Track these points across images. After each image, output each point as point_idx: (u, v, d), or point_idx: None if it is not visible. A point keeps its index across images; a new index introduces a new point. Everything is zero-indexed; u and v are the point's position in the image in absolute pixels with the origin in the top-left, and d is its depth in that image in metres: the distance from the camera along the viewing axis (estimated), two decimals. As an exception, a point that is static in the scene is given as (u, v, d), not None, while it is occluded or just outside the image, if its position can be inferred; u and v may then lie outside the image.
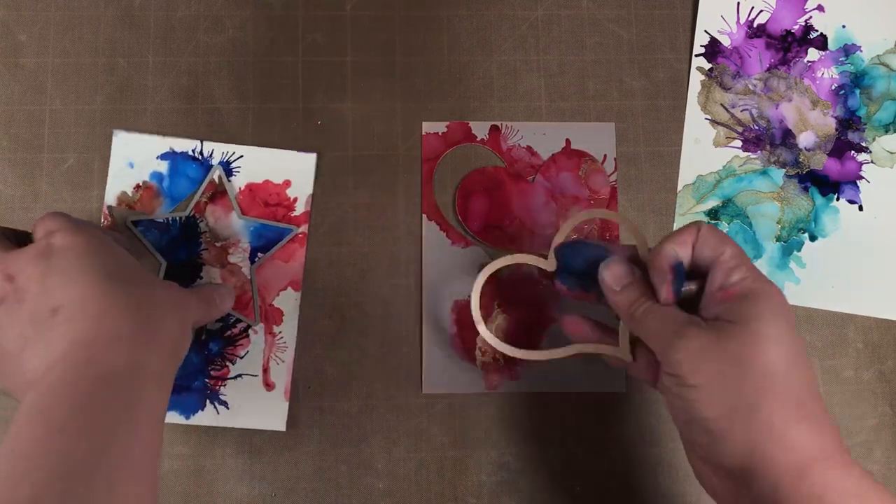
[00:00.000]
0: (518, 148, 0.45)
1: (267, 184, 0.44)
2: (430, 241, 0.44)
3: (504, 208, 0.45)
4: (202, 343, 0.42)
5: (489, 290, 0.44)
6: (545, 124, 0.46)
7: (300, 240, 0.44)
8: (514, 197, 0.45)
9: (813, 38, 0.47)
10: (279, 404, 0.42)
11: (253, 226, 0.43)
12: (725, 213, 0.46)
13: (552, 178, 0.45)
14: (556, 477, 0.43)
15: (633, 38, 0.47)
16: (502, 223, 0.45)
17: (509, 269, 0.44)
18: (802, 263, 0.46)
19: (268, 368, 0.42)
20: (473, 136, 0.45)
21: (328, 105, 0.46)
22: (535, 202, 0.45)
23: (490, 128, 0.45)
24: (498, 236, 0.44)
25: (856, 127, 0.47)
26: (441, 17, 0.47)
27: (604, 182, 0.45)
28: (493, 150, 0.45)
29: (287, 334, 0.43)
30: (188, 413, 0.42)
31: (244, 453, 0.42)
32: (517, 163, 0.45)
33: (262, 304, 0.43)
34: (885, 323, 0.45)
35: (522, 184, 0.45)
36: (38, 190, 0.44)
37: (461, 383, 0.43)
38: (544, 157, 0.45)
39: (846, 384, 0.45)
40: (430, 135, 0.45)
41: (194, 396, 0.42)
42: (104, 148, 0.44)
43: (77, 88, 0.45)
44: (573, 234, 0.44)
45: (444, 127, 0.45)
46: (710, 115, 0.47)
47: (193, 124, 0.45)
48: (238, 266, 0.43)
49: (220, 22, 0.46)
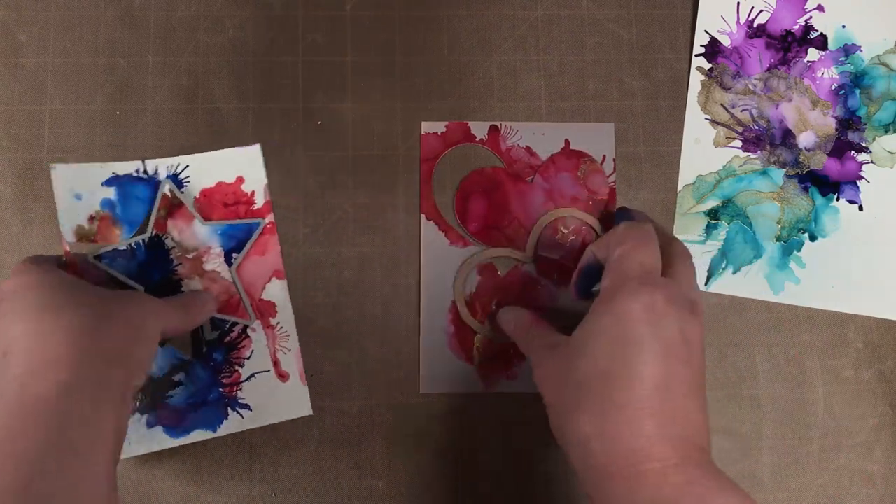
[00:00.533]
0: (517, 148, 0.45)
1: (220, 185, 0.43)
2: (428, 241, 0.44)
3: (502, 209, 0.45)
4: (206, 356, 0.42)
5: (488, 290, 0.44)
6: (544, 124, 0.46)
7: (269, 230, 0.43)
8: (512, 197, 0.45)
9: (813, 38, 0.47)
10: (299, 391, 0.42)
11: (219, 229, 0.43)
12: (725, 213, 0.46)
13: (551, 179, 0.45)
14: (553, 478, 0.43)
15: (633, 38, 0.47)
16: (501, 224, 0.45)
17: (507, 268, 0.44)
18: (802, 263, 0.46)
19: (277, 361, 0.43)
20: (473, 136, 0.45)
21: (328, 105, 0.46)
22: (534, 203, 0.45)
23: (489, 128, 0.45)
24: (496, 237, 0.44)
25: (856, 127, 0.47)
26: (441, 17, 0.47)
27: (603, 182, 0.45)
28: (493, 150, 0.45)
29: (285, 323, 0.43)
30: (214, 426, 0.42)
31: (244, 453, 0.42)
32: (516, 163, 0.45)
33: (253, 301, 0.43)
34: (885, 323, 0.45)
35: (521, 184, 0.45)
36: (38, 190, 0.44)
37: (459, 383, 0.43)
38: (543, 157, 0.45)
39: (846, 384, 0.45)
40: (430, 135, 0.45)
41: (214, 409, 0.42)
42: (105, 148, 0.44)
43: (77, 88, 0.45)
44: (556, 233, 0.44)
45: (443, 127, 0.45)
46: (710, 115, 0.47)
47: (193, 124, 0.45)
48: (217, 272, 0.43)
49: (220, 22, 0.46)
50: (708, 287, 0.45)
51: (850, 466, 0.44)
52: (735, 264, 0.45)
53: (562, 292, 0.44)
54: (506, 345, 0.44)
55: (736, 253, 0.46)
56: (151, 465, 0.42)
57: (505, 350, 0.44)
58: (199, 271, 0.42)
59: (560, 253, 0.44)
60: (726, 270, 0.45)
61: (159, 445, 0.41)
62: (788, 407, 0.44)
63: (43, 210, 0.43)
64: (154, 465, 0.42)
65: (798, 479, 0.44)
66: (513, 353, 0.44)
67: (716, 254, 0.46)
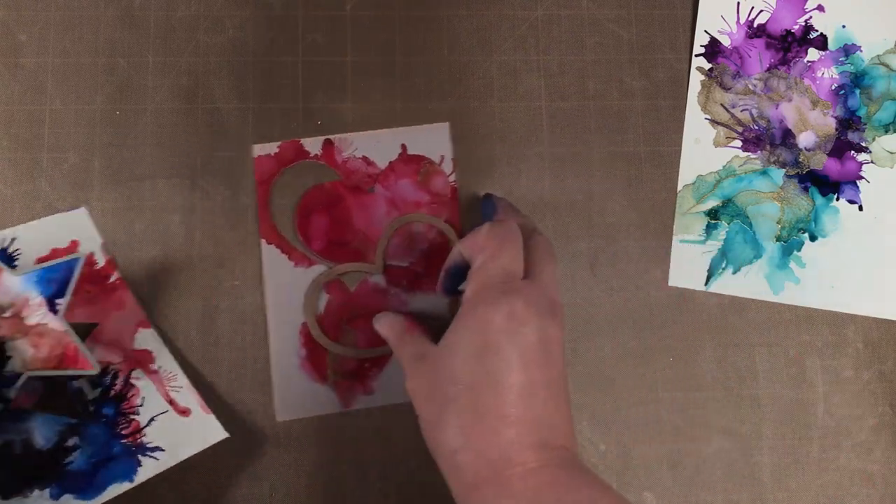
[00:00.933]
0: (354, 159, 0.45)
1: (55, 252, 0.42)
2: (271, 265, 0.43)
3: (346, 223, 0.44)
4: (95, 414, 0.41)
5: (336, 307, 0.43)
6: (379, 132, 0.45)
7: (120, 286, 0.42)
8: (354, 210, 0.44)
9: (813, 38, 0.47)
10: (205, 420, 0.41)
11: (34, 276, 0.37)
12: (725, 213, 0.46)
13: (391, 187, 0.44)
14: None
15: (633, 38, 0.47)
16: (345, 238, 0.44)
17: (356, 282, 0.44)
18: (802, 263, 0.46)
19: (172, 400, 0.41)
20: (307, 153, 0.44)
21: (328, 105, 0.46)
22: (377, 213, 0.44)
23: (323, 142, 0.45)
24: (342, 252, 0.44)
25: (856, 127, 0.47)
26: (441, 17, 0.47)
27: (444, 183, 0.45)
28: (329, 164, 0.44)
29: (167, 365, 0.42)
30: (130, 475, 0.40)
31: (244, 453, 0.42)
32: (354, 174, 0.44)
33: (125, 352, 0.41)
34: (885, 323, 0.45)
35: (362, 196, 0.44)
36: (38, 190, 0.44)
37: (317, 405, 0.43)
38: (382, 165, 0.45)
39: (846, 384, 0.45)
40: (262, 157, 0.44)
41: (124, 460, 0.40)
42: (105, 148, 0.44)
43: (77, 88, 0.45)
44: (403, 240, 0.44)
45: (275, 148, 0.44)
46: (710, 115, 0.47)
47: (193, 124, 0.45)
48: (43, 324, 0.38)
49: (220, 22, 0.46)
50: (708, 287, 0.45)
51: (850, 466, 0.44)
52: (735, 264, 0.45)
53: (412, 298, 0.44)
54: (360, 361, 0.43)
55: (736, 253, 0.46)
56: (151, 465, 0.42)
57: (360, 366, 0.43)
58: (21, 329, 0.37)
59: (410, 259, 0.44)
60: (726, 270, 0.45)
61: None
62: (788, 407, 0.44)
63: (43, 210, 0.43)
64: (154, 465, 0.42)
65: (798, 479, 0.44)
66: (368, 367, 0.43)
67: (716, 254, 0.46)
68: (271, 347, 0.43)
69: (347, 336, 0.43)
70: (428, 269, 0.44)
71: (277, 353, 0.43)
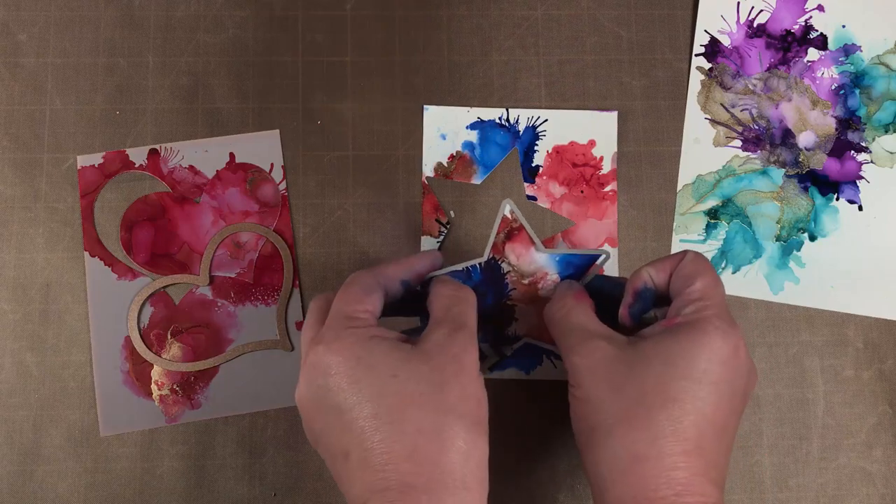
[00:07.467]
0: (180, 169, 0.44)
1: (573, 145, 0.45)
2: (94, 278, 0.43)
3: (170, 235, 0.44)
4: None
5: (161, 319, 0.43)
6: (207, 140, 0.45)
7: (611, 197, 0.45)
8: (179, 221, 0.44)
9: (813, 38, 0.47)
10: None
11: (557, 257, 0.39)
12: (725, 213, 0.46)
13: (218, 196, 0.44)
14: (546, 483, 0.43)
15: (633, 38, 0.47)
16: (170, 250, 0.44)
17: (182, 294, 0.43)
18: (802, 263, 0.46)
19: None
20: (132, 164, 0.44)
21: (328, 105, 0.46)
22: (203, 223, 0.44)
23: (148, 152, 0.44)
24: (167, 264, 0.43)
25: (856, 127, 0.47)
26: (441, 17, 0.47)
27: (273, 192, 0.44)
28: (155, 174, 0.44)
29: None
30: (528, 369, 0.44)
31: (244, 453, 0.42)
32: (181, 184, 0.44)
33: None
34: (885, 323, 0.45)
35: (188, 206, 0.44)
36: (38, 190, 0.44)
37: (141, 420, 0.42)
38: (209, 174, 0.44)
39: (846, 384, 0.45)
40: (86, 168, 0.44)
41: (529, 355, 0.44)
42: (105, 148, 0.44)
43: (77, 88, 0.45)
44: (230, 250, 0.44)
45: (100, 158, 0.44)
46: (709, 114, 0.47)
47: (193, 124, 0.45)
48: None
49: (220, 22, 0.46)
50: (708, 287, 0.45)
51: (850, 466, 0.44)
52: (735, 264, 0.45)
53: (240, 309, 0.43)
54: (186, 374, 0.43)
55: (735, 253, 0.46)
56: (153, 464, 0.42)
57: (186, 379, 0.43)
58: (533, 297, 0.40)
59: (237, 270, 0.44)
60: (726, 270, 0.45)
61: None
62: (788, 407, 0.44)
63: (43, 210, 0.44)
64: (155, 464, 0.42)
65: (798, 479, 0.44)
66: (193, 380, 0.43)
67: (716, 253, 0.46)
68: (94, 361, 0.43)
69: (172, 349, 0.43)
70: (257, 279, 0.43)
71: (100, 367, 0.43)
